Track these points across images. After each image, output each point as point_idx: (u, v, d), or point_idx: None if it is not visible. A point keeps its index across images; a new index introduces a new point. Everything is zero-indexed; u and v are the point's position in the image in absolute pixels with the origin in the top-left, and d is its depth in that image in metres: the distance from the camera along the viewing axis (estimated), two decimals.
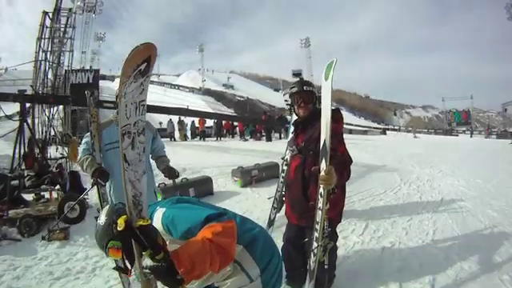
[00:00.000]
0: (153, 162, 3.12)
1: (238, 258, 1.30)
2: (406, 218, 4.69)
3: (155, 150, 3.10)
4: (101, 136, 2.78)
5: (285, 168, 3.64)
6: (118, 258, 1.10)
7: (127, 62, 1.05)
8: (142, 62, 1.08)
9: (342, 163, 2.19)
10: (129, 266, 1.11)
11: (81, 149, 2.87)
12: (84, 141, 2.89)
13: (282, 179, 3.80)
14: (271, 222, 3.78)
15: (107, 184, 2.82)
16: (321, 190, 2.08)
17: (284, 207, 2.78)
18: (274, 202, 3.85)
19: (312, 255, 2.22)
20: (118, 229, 1.06)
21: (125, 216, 1.10)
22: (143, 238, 1.03)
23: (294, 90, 2.58)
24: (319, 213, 2.12)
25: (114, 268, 2.23)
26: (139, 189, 1.19)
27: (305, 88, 2.54)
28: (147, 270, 1.04)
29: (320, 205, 2.10)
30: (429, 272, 3.09)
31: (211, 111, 27.24)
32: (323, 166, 2.05)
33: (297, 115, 2.65)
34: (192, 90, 50.93)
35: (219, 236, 1.13)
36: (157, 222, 1.26)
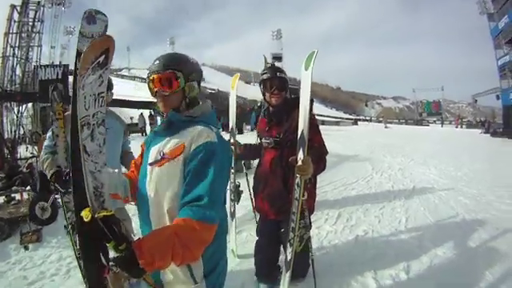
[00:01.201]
0: None
1: None
2: (379, 207, 4.80)
3: (123, 145, 2.99)
4: (67, 133, 2.59)
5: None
6: None
7: (85, 55, 1.07)
8: (100, 54, 1.10)
9: (318, 154, 2.19)
10: (103, 260, 1.11)
11: (44, 145, 2.74)
12: (48, 135, 2.74)
13: (245, 171, 3.73)
14: (232, 215, 3.53)
15: None
16: (297, 180, 2.09)
17: (250, 202, 2.72)
18: (230, 195, 3.52)
19: (288, 246, 2.22)
20: (85, 220, 1.06)
21: (88, 208, 1.10)
22: (106, 229, 1.03)
23: (266, 75, 2.42)
24: (296, 203, 2.12)
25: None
26: (100, 180, 1.18)
27: (278, 74, 2.40)
28: (111, 262, 1.04)
29: (297, 195, 2.10)
30: (403, 259, 3.15)
31: None
32: (300, 156, 2.04)
33: (268, 103, 2.49)
34: None
35: (192, 238, 1.11)
36: (201, 135, 1.26)
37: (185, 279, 1.27)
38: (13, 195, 5.17)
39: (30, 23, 13.16)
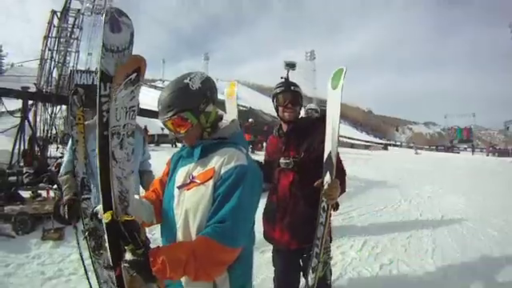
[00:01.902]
0: None
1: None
2: (406, 235, 4.67)
3: (143, 164, 2.92)
4: (87, 139, 2.52)
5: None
6: None
7: (118, 72, 1.14)
8: (132, 72, 1.15)
9: (342, 176, 2.08)
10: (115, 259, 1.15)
11: (64, 159, 2.65)
12: (68, 146, 2.66)
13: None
14: None
15: (92, 192, 2.54)
16: (323, 204, 1.98)
17: (270, 233, 2.32)
18: None
19: (311, 272, 2.09)
20: (105, 221, 1.13)
21: (111, 210, 1.16)
22: (127, 233, 1.08)
23: (279, 89, 2.27)
24: (321, 229, 2.00)
25: (105, 266, 2.18)
26: (126, 186, 1.21)
27: (292, 88, 2.25)
28: (126, 264, 1.08)
29: (322, 220, 1.99)
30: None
31: None
32: (327, 179, 1.92)
33: (281, 119, 2.30)
34: None
35: (208, 257, 1.10)
36: (231, 156, 1.23)
37: None
38: (39, 192, 5.35)
39: (69, 29, 13.80)
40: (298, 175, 2.17)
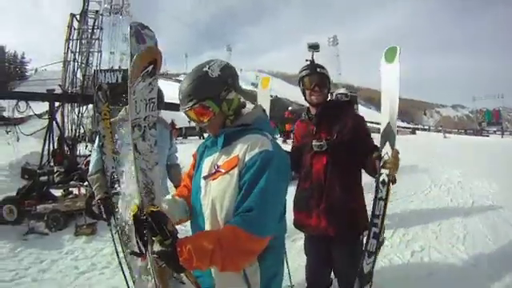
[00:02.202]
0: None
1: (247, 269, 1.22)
2: (437, 222, 4.57)
3: (170, 157, 2.95)
4: (113, 135, 2.54)
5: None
6: None
7: (134, 65, 1.15)
8: (149, 64, 1.16)
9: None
10: (143, 250, 1.16)
11: (92, 159, 2.68)
12: (95, 145, 2.68)
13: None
14: None
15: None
16: (382, 177, 1.90)
17: (304, 220, 2.20)
18: None
19: (367, 256, 1.98)
20: (131, 213, 1.15)
21: (137, 203, 1.17)
22: (154, 224, 1.08)
23: (305, 72, 2.18)
24: (380, 204, 1.92)
25: (130, 253, 2.22)
26: (151, 178, 1.21)
27: (318, 70, 2.16)
28: (155, 255, 1.10)
29: (382, 194, 1.91)
30: (458, 279, 3.02)
31: None
32: (387, 149, 1.89)
33: (309, 103, 2.23)
34: None
35: (235, 247, 1.08)
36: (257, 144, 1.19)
37: (238, 283, 1.21)
38: (70, 189, 5.55)
39: (90, 30, 14.09)
40: (331, 158, 2.08)
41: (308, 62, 2.89)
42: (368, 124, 2.29)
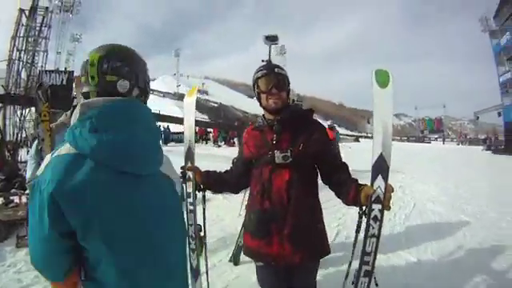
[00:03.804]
0: None
1: None
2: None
3: None
4: (53, 140, 2.42)
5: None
6: None
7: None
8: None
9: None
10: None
11: (29, 166, 2.51)
12: (31, 153, 2.50)
13: (203, 206, 2.27)
14: (196, 272, 2.28)
15: None
16: (375, 213, 1.71)
17: (264, 248, 1.85)
18: (189, 243, 2.27)
19: None
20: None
21: None
22: None
23: (261, 73, 1.89)
24: (373, 241, 1.71)
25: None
26: None
27: (276, 70, 1.88)
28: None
29: (374, 231, 1.71)
30: (402, 275, 3.16)
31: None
32: (380, 183, 1.73)
33: (264, 108, 1.92)
34: (165, 95, 51.29)
35: None
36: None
37: None
38: (11, 198, 5.18)
39: (38, 28, 13.29)
40: (296, 173, 1.81)
41: (264, 62, 2.75)
42: None
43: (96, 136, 0.98)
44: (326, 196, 2.02)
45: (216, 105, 46.96)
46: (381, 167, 1.78)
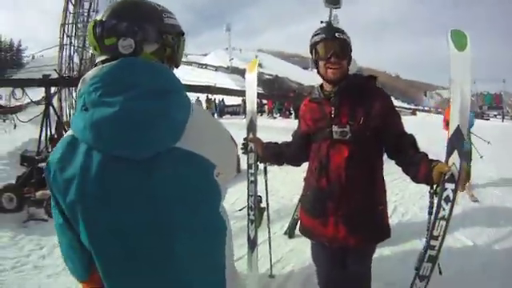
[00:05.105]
0: None
1: None
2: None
3: None
4: None
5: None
6: None
7: None
8: None
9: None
10: None
11: None
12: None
13: (264, 178, 2.55)
14: (253, 243, 2.36)
15: None
16: (447, 193, 1.54)
17: (319, 229, 1.76)
18: (249, 214, 2.40)
19: (418, 280, 1.63)
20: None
21: None
22: None
23: (319, 37, 1.65)
24: (442, 224, 1.57)
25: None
26: None
27: (336, 35, 1.63)
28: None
29: (444, 213, 1.56)
30: (457, 258, 2.93)
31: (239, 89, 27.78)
32: (455, 160, 1.55)
33: (323, 77, 1.73)
34: (217, 68, 51.22)
35: None
36: None
37: None
38: None
39: (86, 14, 13.83)
40: (356, 149, 1.65)
41: (323, 25, 2.38)
42: None
43: (84, 115, 0.81)
44: (385, 170, 1.81)
45: (271, 77, 46.29)
46: (457, 141, 1.57)
